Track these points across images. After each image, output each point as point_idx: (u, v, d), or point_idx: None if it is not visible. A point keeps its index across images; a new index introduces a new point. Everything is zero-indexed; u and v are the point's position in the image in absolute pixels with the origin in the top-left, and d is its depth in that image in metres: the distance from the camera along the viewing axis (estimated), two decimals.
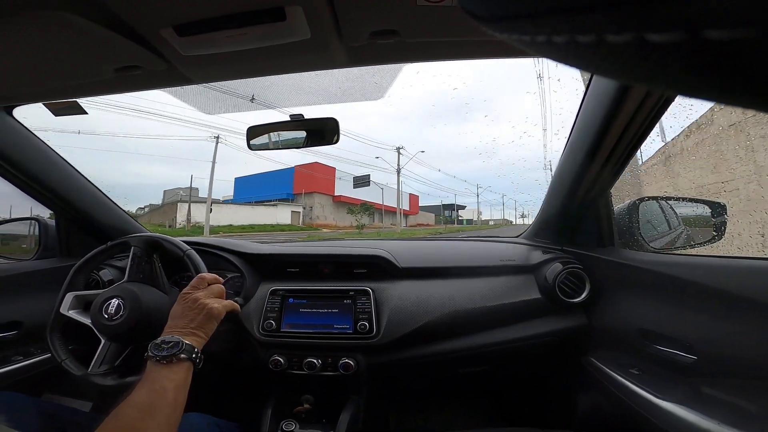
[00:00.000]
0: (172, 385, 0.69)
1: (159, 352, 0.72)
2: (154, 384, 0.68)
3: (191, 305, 0.83)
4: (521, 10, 0.15)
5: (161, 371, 0.70)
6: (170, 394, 0.68)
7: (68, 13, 0.60)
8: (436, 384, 1.54)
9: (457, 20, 0.66)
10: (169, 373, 0.70)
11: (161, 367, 0.70)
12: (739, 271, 0.72)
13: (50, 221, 1.37)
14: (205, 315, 0.82)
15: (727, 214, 1.03)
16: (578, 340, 1.12)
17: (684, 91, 0.13)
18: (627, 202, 1.11)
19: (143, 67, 0.79)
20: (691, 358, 0.77)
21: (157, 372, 0.70)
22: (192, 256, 1.04)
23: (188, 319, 0.80)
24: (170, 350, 0.72)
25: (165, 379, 0.69)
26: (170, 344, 0.73)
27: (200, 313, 0.82)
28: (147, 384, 0.68)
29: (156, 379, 0.69)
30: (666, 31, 0.11)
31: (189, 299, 0.84)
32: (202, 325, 0.81)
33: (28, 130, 1.11)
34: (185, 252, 1.05)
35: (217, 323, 0.85)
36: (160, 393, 0.67)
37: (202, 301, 0.84)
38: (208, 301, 0.85)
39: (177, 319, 0.81)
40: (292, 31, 0.67)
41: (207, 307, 0.83)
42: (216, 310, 0.84)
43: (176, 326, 0.79)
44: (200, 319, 0.81)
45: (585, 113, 0.98)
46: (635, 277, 0.97)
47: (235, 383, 1.46)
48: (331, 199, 35.25)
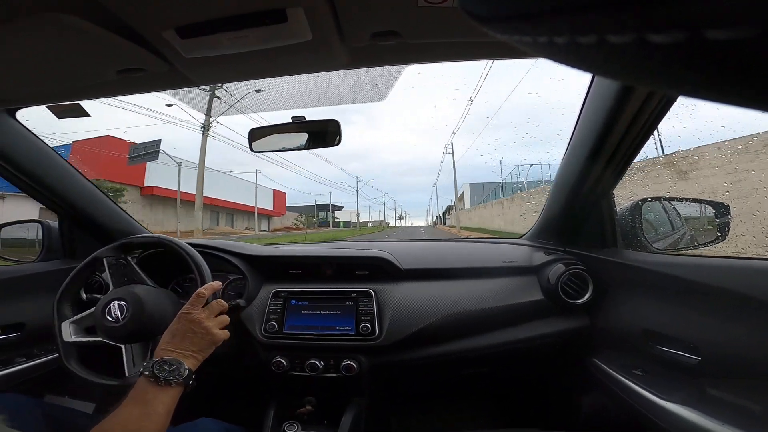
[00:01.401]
0: (164, 410, 0.68)
1: (160, 373, 0.70)
2: (147, 407, 0.66)
3: (194, 328, 0.81)
4: (522, 11, 0.15)
5: (157, 394, 0.68)
6: (161, 419, 0.67)
7: (70, 16, 0.60)
8: (439, 386, 1.53)
9: (458, 21, 0.66)
10: (165, 396, 0.69)
11: (157, 390, 0.69)
12: (744, 271, 0.72)
13: (53, 223, 1.37)
14: (207, 341, 0.81)
15: (731, 215, 1.03)
16: (581, 342, 1.11)
17: (685, 91, 0.13)
18: (629, 203, 1.11)
19: (145, 69, 0.79)
20: (696, 359, 0.77)
21: (152, 394, 0.68)
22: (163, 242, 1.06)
23: (189, 341, 0.79)
24: (172, 374, 0.71)
25: (159, 403, 0.68)
26: (173, 367, 0.72)
27: (203, 339, 0.80)
28: (139, 405, 0.66)
29: (149, 402, 0.67)
30: (667, 32, 0.11)
31: (192, 321, 0.81)
32: (202, 349, 0.80)
33: (31, 132, 1.11)
34: (159, 239, 1.06)
35: (215, 348, 0.83)
36: (152, 417, 0.66)
37: (205, 324, 0.82)
38: (211, 324, 0.83)
39: (178, 340, 0.79)
40: (293, 32, 0.67)
41: (210, 332, 0.82)
42: (217, 336, 0.83)
43: (177, 347, 0.77)
44: (201, 344, 0.80)
45: (587, 114, 0.97)
46: (638, 278, 0.97)
47: (237, 385, 1.46)
48: (139, 192, 22.07)
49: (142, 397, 0.68)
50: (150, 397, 0.68)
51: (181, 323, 0.81)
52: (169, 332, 0.80)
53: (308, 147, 1.19)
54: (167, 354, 0.75)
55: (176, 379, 0.71)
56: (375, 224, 61.92)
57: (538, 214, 1.40)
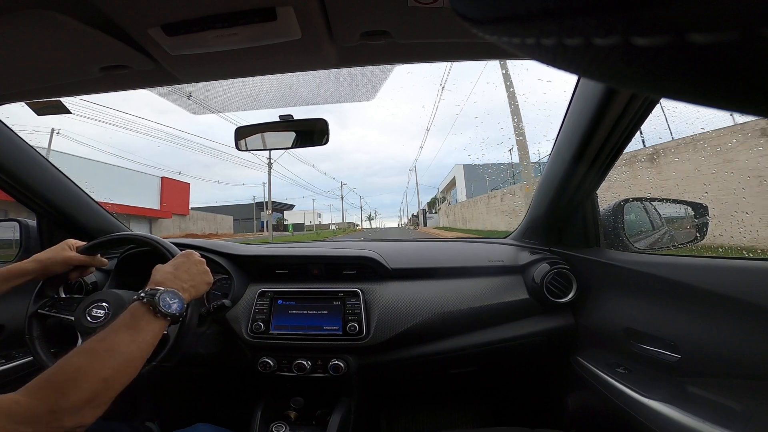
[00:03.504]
0: (152, 340, 0.66)
1: (162, 304, 0.68)
2: (138, 334, 0.64)
3: (197, 265, 0.83)
4: (511, 13, 0.16)
5: (150, 322, 0.66)
6: (147, 348, 0.65)
7: (54, 12, 0.59)
8: (427, 385, 1.54)
9: (448, 22, 0.67)
10: (156, 326, 0.67)
11: (151, 318, 0.67)
12: (721, 270, 0.74)
13: (32, 223, 1.34)
14: (202, 280, 0.83)
15: (709, 215, 1.06)
16: (566, 340, 1.13)
17: (668, 94, 0.14)
18: (612, 204, 1.13)
19: (130, 66, 0.78)
20: (675, 356, 0.79)
21: (145, 322, 0.66)
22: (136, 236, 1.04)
23: (189, 276, 0.80)
24: (171, 306, 0.70)
25: (150, 332, 0.66)
26: (174, 301, 0.71)
27: (200, 277, 0.82)
28: (131, 331, 0.64)
29: (142, 329, 0.65)
30: (651, 35, 0.11)
31: (196, 260, 0.84)
32: (197, 287, 0.81)
33: (10, 129, 1.08)
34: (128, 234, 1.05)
35: (205, 291, 0.85)
36: (141, 345, 0.63)
37: (204, 268, 0.85)
38: (207, 268, 0.86)
39: (181, 272, 0.79)
40: (282, 31, 0.66)
41: (207, 273, 0.85)
42: (210, 279, 0.86)
43: (179, 278, 0.77)
44: (198, 282, 0.81)
45: (572, 116, 0.99)
46: (620, 277, 0.99)
47: (224, 386, 1.44)
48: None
49: (135, 323, 0.65)
50: (143, 325, 0.65)
51: (186, 258, 0.84)
52: (171, 264, 0.81)
53: (295, 146, 1.19)
54: (171, 283, 0.75)
55: (173, 313, 0.70)
56: (341, 227, 57.02)
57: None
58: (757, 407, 0.63)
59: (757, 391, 0.65)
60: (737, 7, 0.10)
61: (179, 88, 1.05)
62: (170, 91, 1.07)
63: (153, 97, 1.09)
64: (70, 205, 1.28)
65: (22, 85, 0.88)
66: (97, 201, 1.39)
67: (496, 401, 1.60)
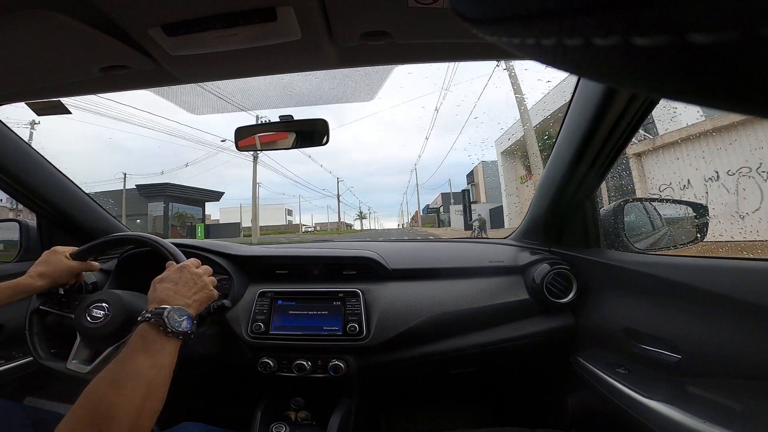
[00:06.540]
0: (171, 363, 0.63)
1: (170, 322, 0.65)
2: (156, 358, 0.61)
3: (196, 280, 0.79)
4: (511, 13, 0.16)
5: (164, 344, 0.63)
6: (169, 372, 0.62)
7: (54, 12, 0.59)
8: (427, 385, 1.54)
9: (448, 22, 0.67)
10: (171, 347, 0.64)
11: (165, 340, 0.64)
12: (721, 270, 0.74)
13: (32, 223, 1.34)
14: (205, 294, 0.80)
15: (709, 215, 1.06)
16: (566, 340, 1.13)
17: (668, 94, 0.14)
18: (612, 204, 1.13)
19: (130, 66, 0.78)
20: (676, 357, 0.78)
21: (160, 344, 0.63)
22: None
23: (192, 291, 0.77)
24: (180, 324, 0.66)
25: (167, 355, 0.63)
26: (183, 317, 0.68)
27: (202, 291, 0.79)
28: (148, 356, 0.60)
29: (158, 353, 0.62)
30: (651, 35, 0.11)
31: (194, 273, 0.80)
32: (200, 300, 0.78)
33: (10, 129, 1.08)
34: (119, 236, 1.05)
35: (208, 303, 0.83)
36: (162, 371, 0.60)
37: (204, 279, 0.82)
38: (208, 281, 0.83)
39: (182, 287, 0.76)
40: (282, 31, 0.66)
41: (208, 287, 0.82)
42: (213, 293, 0.83)
43: (182, 294, 0.74)
44: (201, 296, 0.78)
45: (572, 116, 0.99)
46: (620, 277, 0.98)
47: (224, 387, 1.44)
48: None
49: (148, 346, 0.62)
50: (157, 348, 0.62)
51: (184, 273, 0.79)
52: (170, 280, 0.77)
53: (295, 146, 1.19)
54: (174, 300, 0.71)
55: (184, 331, 0.67)
56: (331, 228, 51.79)
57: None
58: (757, 407, 0.63)
59: (757, 391, 0.65)
60: (737, 7, 0.10)
61: (179, 88, 1.05)
62: (170, 91, 1.07)
63: (153, 98, 1.09)
64: (70, 205, 1.28)
65: (22, 85, 0.88)
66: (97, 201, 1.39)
67: (496, 401, 1.60)
